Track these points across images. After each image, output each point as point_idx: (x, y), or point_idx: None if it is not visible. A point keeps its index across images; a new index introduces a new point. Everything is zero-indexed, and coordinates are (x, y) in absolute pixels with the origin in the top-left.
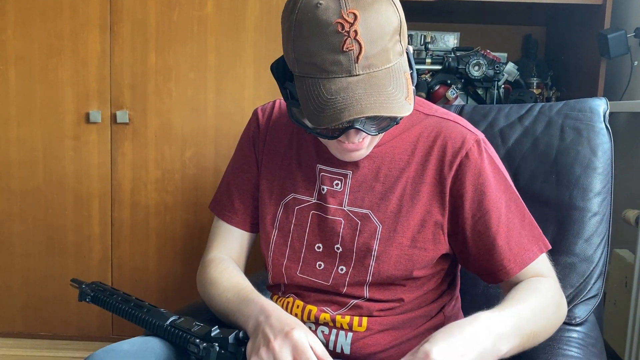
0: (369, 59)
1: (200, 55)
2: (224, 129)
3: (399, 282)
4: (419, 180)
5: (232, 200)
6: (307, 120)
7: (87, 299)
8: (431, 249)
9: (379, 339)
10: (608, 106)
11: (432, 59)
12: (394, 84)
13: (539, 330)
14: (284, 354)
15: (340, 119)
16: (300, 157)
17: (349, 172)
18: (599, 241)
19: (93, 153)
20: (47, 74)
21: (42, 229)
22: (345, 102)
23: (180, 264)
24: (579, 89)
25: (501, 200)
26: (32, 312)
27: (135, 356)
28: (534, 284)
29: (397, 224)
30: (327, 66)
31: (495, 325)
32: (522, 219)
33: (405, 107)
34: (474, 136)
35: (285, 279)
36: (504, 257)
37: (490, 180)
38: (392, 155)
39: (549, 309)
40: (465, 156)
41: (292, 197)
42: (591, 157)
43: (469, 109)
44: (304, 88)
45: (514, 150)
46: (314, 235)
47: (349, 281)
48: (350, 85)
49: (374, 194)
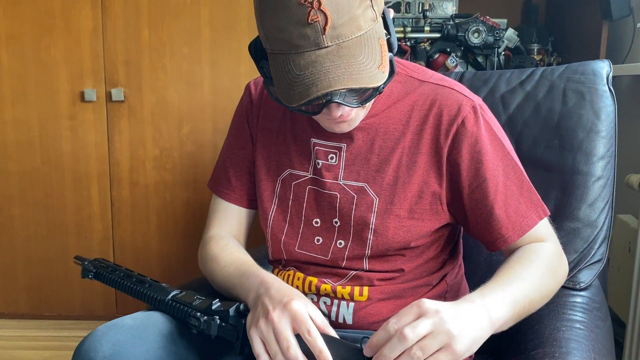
0: (337, 28)
1: (194, 28)
2: (221, 104)
3: (397, 253)
4: (415, 151)
5: (229, 177)
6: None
7: (89, 276)
8: (429, 220)
9: (380, 307)
10: (611, 68)
11: (431, 26)
12: (366, 53)
13: (535, 297)
14: (283, 324)
15: (309, 96)
16: (295, 131)
17: (343, 145)
18: (602, 205)
19: (90, 132)
20: (40, 53)
21: (42, 209)
22: (313, 77)
23: (182, 242)
24: (581, 53)
25: (498, 168)
26: (36, 293)
27: (137, 330)
28: (532, 251)
29: (393, 196)
30: (295, 40)
31: (487, 296)
32: (520, 186)
33: (378, 76)
34: (470, 102)
35: (284, 254)
36: (501, 226)
37: (487, 148)
38: (387, 126)
39: (546, 275)
40: (462, 124)
41: (288, 172)
42: (594, 120)
43: (469, 75)
44: (275, 65)
45: (515, 116)
46: (311, 211)
47: (347, 255)
48: (319, 59)
49: (369, 167)
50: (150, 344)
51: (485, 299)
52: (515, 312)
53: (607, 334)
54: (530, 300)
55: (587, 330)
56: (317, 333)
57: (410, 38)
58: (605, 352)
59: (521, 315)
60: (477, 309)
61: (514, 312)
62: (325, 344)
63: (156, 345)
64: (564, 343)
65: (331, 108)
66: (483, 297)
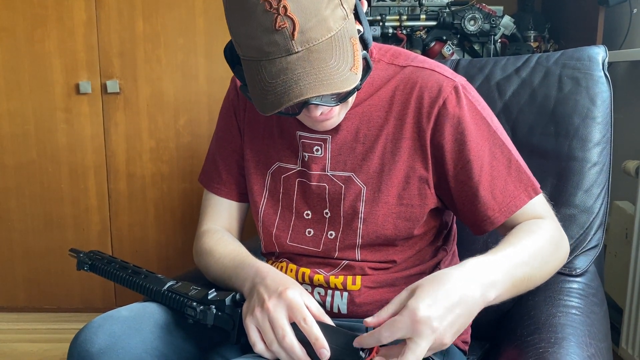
0: (306, 32)
1: (189, 19)
2: (217, 94)
3: (390, 243)
4: (399, 136)
5: (219, 171)
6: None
7: (85, 268)
8: (418, 205)
9: (374, 296)
10: (607, 54)
11: (427, 14)
12: (337, 55)
13: (534, 272)
14: (279, 313)
15: (281, 105)
16: (281, 124)
17: (328, 136)
18: (598, 191)
19: (85, 125)
20: (34, 45)
21: (39, 202)
22: (285, 85)
23: (180, 233)
24: (577, 40)
25: (484, 149)
26: (35, 286)
27: (133, 321)
28: (530, 226)
29: (380, 183)
30: (265, 47)
31: (483, 272)
32: (508, 166)
33: (350, 79)
34: (451, 82)
35: (276, 247)
36: (487, 207)
37: (470, 128)
38: (370, 114)
39: (545, 250)
40: (443, 105)
41: (277, 165)
42: (590, 106)
43: (464, 63)
44: (249, 72)
45: (511, 103)
46: (301, 203)
47: (339, 245)
48: (290, 65)
49: (355, 156)
50: (146, 335)
51: (480, 276)
52: (513, 280)
53: (603, 319)
54: (530, 276)
55: (583, 315)
56: (313, 321)
57: (406, 26)
58: (601, 337)
59: (517, 289)
60: (469, 285)
61: (512, 281)
62: (322, 332)
63: (152, 336)
64: (559, 329)
65: (310, 109)
66: (477, 268)
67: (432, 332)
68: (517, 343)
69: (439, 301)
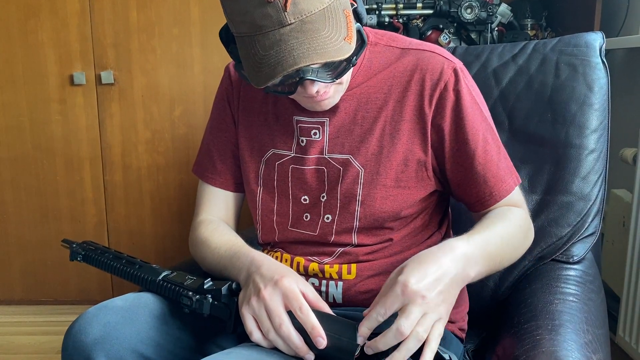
0: (299, 4)
1: (183, 8)
2: (212, 85)
3: (386, 225)
4: (398, 118)
5: (213, 162)
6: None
7: (78, 258)
8: (415, 188)
9: (369, 284)
10: (604, 40)
11: (423, 3)
12: (330, 26)
13: (505, 255)
14: (275, 301)
15: (275, 75)
16: (277, 110)
17: (326, 119)
18: (595, 178)
19: (80, 116)
20: (27, 36)
21: (35, 195)
22: (278, 56)
23: (176, 224)
24: (575, 28)
25: (478, 132)
26: (32, 279)
27: (128, 311)
28: (505, 212)
29: (379, 165)
30: (258, 21)
31: (464, 251)
32: (498, 152)
33: (344, 48)
34: (451, 64)
35: (277, 234)
36: (480, 190)
37: (467, 111)
38: (368, 96)
39: (517, 237)
40: (444, 88)
41: (271, 152)
42: (587, 93)
43: (461, 50)
44: (243, 48)
45: (508, 90)
46: (298, 188)
47: (336, 229)
48: (283, 37)
49: (353, 138)
50: (141, 325)
51: (462, 254)
52: (489, 260)
53: (601, 306)
54: (502, 258)
55: (581, 302)
56: (309, 309)
57: (402, 15)
58: (599, 324)
59: (491, 269)
60: (452, 262)
61: (488, 261)
62: (318, 320)
63: (147, 326)
64: (557, 316)
65: (305, 86)
66: (459, 247)
67: (423, 299)
68: (514, 330)
69: (428, 275)
